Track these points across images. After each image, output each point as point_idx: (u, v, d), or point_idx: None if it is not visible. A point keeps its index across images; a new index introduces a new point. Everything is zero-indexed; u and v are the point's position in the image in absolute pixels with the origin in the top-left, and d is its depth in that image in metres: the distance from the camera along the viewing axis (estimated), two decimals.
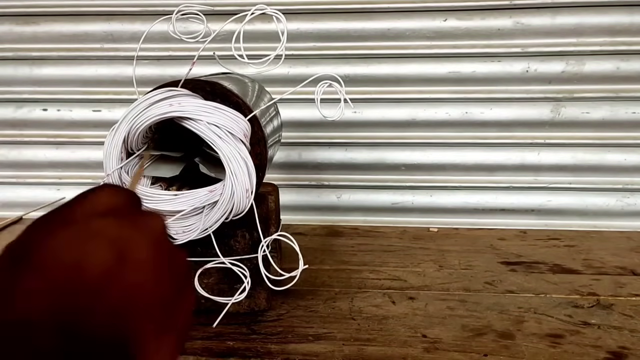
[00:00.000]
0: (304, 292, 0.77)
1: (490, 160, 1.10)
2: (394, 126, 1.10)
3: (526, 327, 0.67)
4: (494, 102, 1.07)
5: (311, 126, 1.10)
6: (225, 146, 0.57)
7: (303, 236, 1.03)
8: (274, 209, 0.81)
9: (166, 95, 0.57)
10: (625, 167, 1.07)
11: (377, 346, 0.63)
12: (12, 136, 1.15)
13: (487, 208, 1.12)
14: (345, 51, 1.07)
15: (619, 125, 1.06)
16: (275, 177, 1.10)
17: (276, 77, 1.02)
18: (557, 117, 1.07)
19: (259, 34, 1.01)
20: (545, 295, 0.76)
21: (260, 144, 0.65)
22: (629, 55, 1.02)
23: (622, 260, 0.89)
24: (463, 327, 0.67)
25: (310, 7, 1.05)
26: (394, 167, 1.12)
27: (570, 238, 1.01)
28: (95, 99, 1.12)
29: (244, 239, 0.67)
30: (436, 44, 1.05)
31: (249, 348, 0.62)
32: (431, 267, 0.87)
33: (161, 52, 1.08)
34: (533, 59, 1.04)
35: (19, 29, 1.10)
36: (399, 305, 0.73)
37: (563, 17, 1.02)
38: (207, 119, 0.56)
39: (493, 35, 1.03)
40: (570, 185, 1.09)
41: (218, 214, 0.61)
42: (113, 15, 1.08)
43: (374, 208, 1.14)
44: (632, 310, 0.72)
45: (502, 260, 0.90)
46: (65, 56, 1.11)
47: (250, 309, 0.70)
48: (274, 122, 0.81)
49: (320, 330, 0.66)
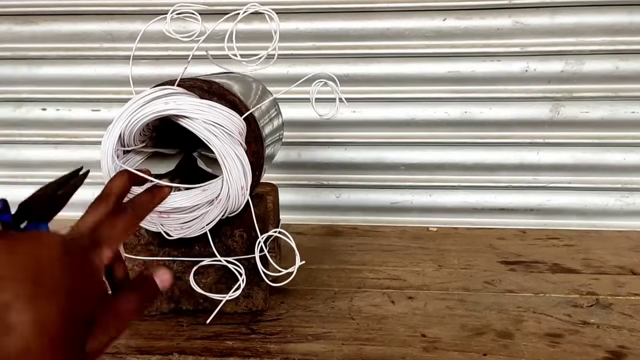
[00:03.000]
0: (303, 291, 0.77)
1: (490, 159, 1.10)
2: (393, 126, 1.10)
3: (525, 327, 0.67)
4: (493, 102, 1.07)
5: (310, 126, 1.10)
6: (220, 144, 0.57)
7: (302, 236, 1.03)
8: (272, 208, 0.81)
9: (162, 94, 0.57)
10: (625, 166, 1.07)
11: (377, 346, 0.63)
12: (11, 136, 1.15)
13: (486, 207, 1.12)
14: (344, 51, 1.07)
15: (618, 124, 1.06)
16: (275, 176, 1.10)
17: (276, 77, 1.02)
18: (556, 117, 1.06)
19: (258, 33, 1.01)
20: (545, 294, 0.76)
21: (257, 142, 0.65)
22: (628, 54, 1.02)
23: (621, 260, 0.89)
24: (462, 326, 0.67)
25: (310, 7, 1.05)
26: (393, 166, 1.11)
27: (570, 237, 1.01)
28: (94, 99, 1.12)
29: (241, 238, 0.67)
30: (435, 44, 1.05)
31: (248, 348, 0.62)
32: (430, 266, 0.87)
33: (160, 51, 1.08)
34: (532, 59, 1.04)
35: (18, 28, 1.10)
36: (398, 305, 0.73)
37: (562, 16, 1.02)
38: (202, 117, 0.56)
39: (492, 34, 1.03)
40: (570, 184, 1.09)
41: (215, 212, 0.61)
42: (112, 15, 1.08)
43: (373, 207, 1.14)
44: (631, 310, 0.71)
45: (502, 259, 0.90)
46: (64, 56, 1.11)
47: (248, 309, 0.69)
48: (274, 122, 0.81)
49: (319, 329, 0.66)
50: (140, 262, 0.68)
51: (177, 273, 0.68)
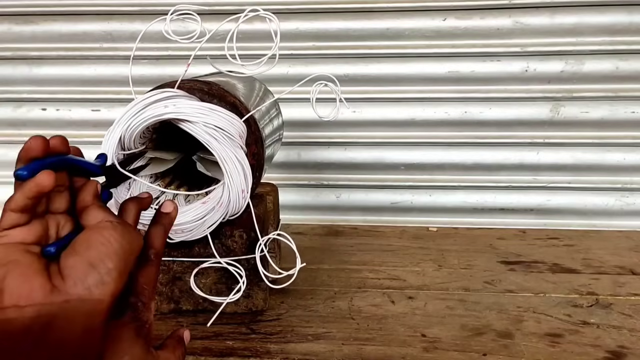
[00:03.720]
0: (303, 291, 0.77)
1: (490, 159, 1.10)
2: (393, 126, 1.10)
3: (525, 327, 0.67)
4: (493, 102, 1.07)
5: (310, 126, 1.10)
6: (221, 148, 0.57)
7: (302, 236, 1.03)
8: (272, 209, 0.81)
9: (162, 97, 0.57)
10: (625, 166, 1.07)
11: (377, 346, 0.63)
12: (11, 136, 1.15)
13: (486, 207, 1.12)
14: (344, 51, 1.07)
15: (618, 124, 1.06)
16: (275, 176, 1.10)
17: (276, 77, 1.01)
18: (556, 117, 1.07)
19: (258, 33, 1.01)
20: (545, 294, 0.76)
21: (257, 144, 0.65)
22: (628, 54, 1.02)
23: (621, 260, 0.89)
24: (462, 326, 0.67)
25: (310, 7, 1.05)
26: (393, 166, 1.11)
27: (570, 237, 1.01)
28: (94, 99, 1.12)
29: (241, 239, 0.67)
30: (435, 44, 1.05)
31: (248, 348, 0.62)
32: (430, 266, 0.87)
33: (160, 51, 1.08)
34: (532, 59, 1.04)
35: (18, 28, 1.10)
36: (398, 305, 0.73)
37: (562, 16, 1.02)
38: (202, 120, 0.56)
39: (492, 34, 1.03)
40: (570, 184, 1.09)
41: (216, 216, 0.61)
42: (112, 15, 1.08)
43: (373, 207, 1.14)
44: (631, 310, 0.71)
45: (502, 259, 0.90)
46: (64, 56, 1.11)
47: (248, 309, 0.70)
48: (274, 122, 0.81)
49: (319, 329, 0.66)
50: None
51: (177, 273, 0.68)
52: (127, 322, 0.36)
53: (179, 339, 0.42)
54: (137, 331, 0.36)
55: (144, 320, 0.37)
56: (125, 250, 0.33)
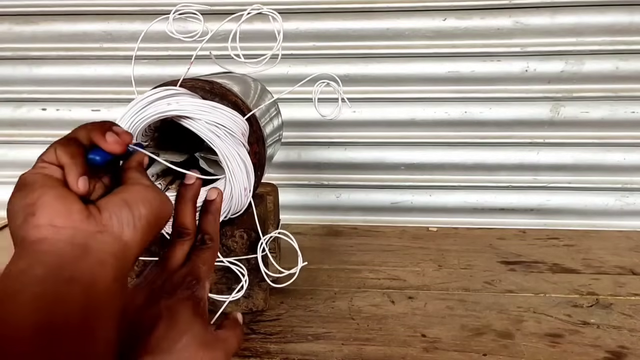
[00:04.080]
0: (303, 291, 0.77)
1: (490, 159, 1.10)
2: (393, 126, 1.10)
3: (525, 327, 0.67)
4: (493, 102, 1.07)
5: (310, 126, 1.10)
6: (223, 145, 0.57)
7: (302, 236, 1.03)
8: (272, 209, 0.81)
9: (164, 94, 0.57)
10: (625, 166, 1.07)
11: (377, 346, 0.63)
12: (11, 136, 1.15)
13: (486, 207, 1.12)
14: (344, 51, 1.07)
15: (618, 124, 1.06)
16: (275, 176, 1.10)
17: (276, 77, 1.02)
18: (556, 117, 1.07)
19: (258, 33, 1.01)
20: (545, 294, 0.76)
21: (259, 143, 0.65)
22: (628, 54, 1.02)
23: (621, 260, 0.89)
24: (462, 326, 0.67)
25: (310, 7, 1.05)
26: (393, 166, 1.11)
27: (570, 237, 1.01)
28: (94, 99, 1.12)
29: (242, 239, 0.67)
30: (435, 44, 1.05)
31: (248, 347, 0.62)
32: (430, 266, 0.87)
33: (161, 51, 1.08)
34: (532, 59, 1.04)
35: (18, 28, 1.10)
36: (398, 305, 0.73)
37: (562, 16, 1.02)
38: (205, 118, 0.56)
39: (492, 34, 1.03)
40: (570, 184, 1.09)
41: None
42: (112, 15, 1.08)
43: (373, 208, 1.14)
44: (631, 310, 0.72)
45: (502, 259, 0.90)
46: (64, 56, 1.11)
47: (249, 309, 0.70)
48: (274, 122, 0.81)
49: (319, 329, 0.66)
50: (140, 262, 0.68)
51: None
52: (183, 299, 0.37)
53: (235, 320, 0.42)
54: (194, 309, 0.37)
55: (199, 297, 0.38)
56: (156, 208, 0.34)
